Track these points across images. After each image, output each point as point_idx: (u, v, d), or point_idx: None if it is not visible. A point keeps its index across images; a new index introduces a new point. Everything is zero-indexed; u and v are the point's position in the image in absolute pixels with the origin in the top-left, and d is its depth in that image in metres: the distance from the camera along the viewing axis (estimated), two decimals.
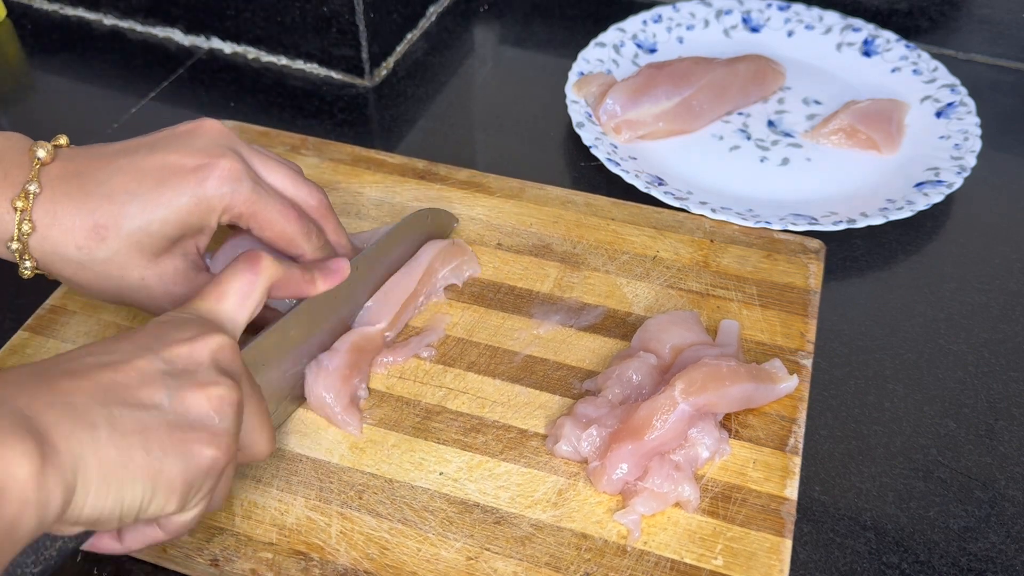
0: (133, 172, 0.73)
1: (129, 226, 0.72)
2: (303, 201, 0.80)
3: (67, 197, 0.72)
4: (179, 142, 0.76)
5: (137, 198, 0.72)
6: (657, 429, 0.72)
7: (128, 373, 0.57)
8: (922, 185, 1.00)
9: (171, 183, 0.73)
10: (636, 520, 0.71)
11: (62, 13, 1.33)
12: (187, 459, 0.56)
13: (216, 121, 0.78)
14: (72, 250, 0.73)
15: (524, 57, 1.28)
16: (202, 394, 0.58)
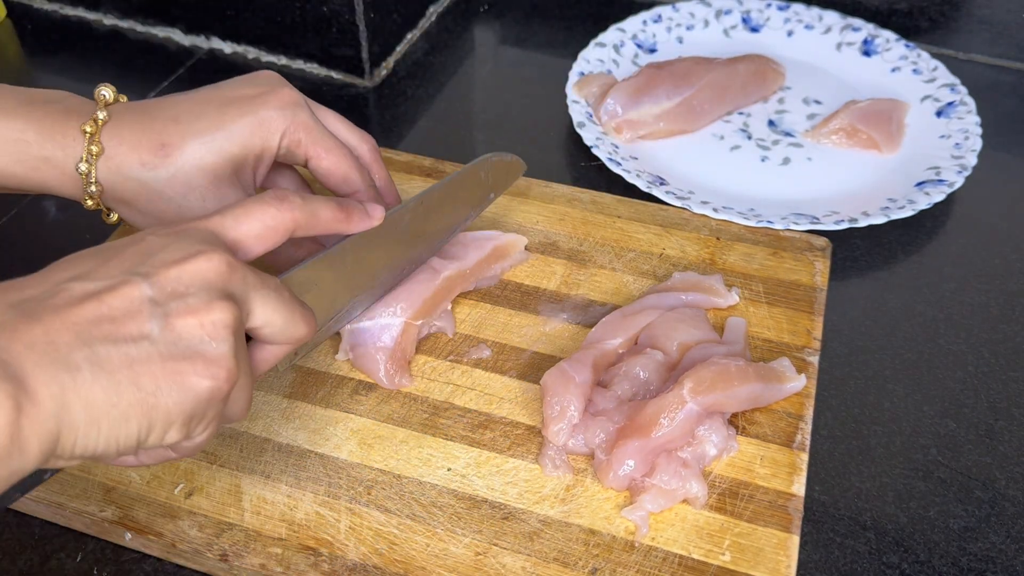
0: (197, 100, 0.76)
1: (193, 144, 0.74)
2: (356, 145, 0.84)
3: (133, 121, 0.74)
4: (241, 81, 0.79)
5: (201, 118, 0.75)
6: (664, 427, 0.72)
7: (113, 303, 0.54)
8: (923, 184, 1.01)
9: (234, 105, 0.76)
10: (644, 516, 0.72)
11: (62, 13, 1.33)
12: (183, 390, 0.54)
13: (272, 71, 0.81)
14: (136, 167, 0.73)
15: (524, 57, 1.28)
16: (194, 320, 0.55)
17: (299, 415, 0.80)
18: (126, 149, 0.73)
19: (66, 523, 0.75)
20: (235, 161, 0.75)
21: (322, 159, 0.79)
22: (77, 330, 0.52)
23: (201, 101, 0.76)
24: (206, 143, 0.74)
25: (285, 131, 0.77)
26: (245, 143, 0.75)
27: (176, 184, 0.74)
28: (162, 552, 0.72)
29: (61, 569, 0.73)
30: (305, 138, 0.78)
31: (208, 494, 0.74)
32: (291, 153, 0.78)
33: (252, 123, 0.76)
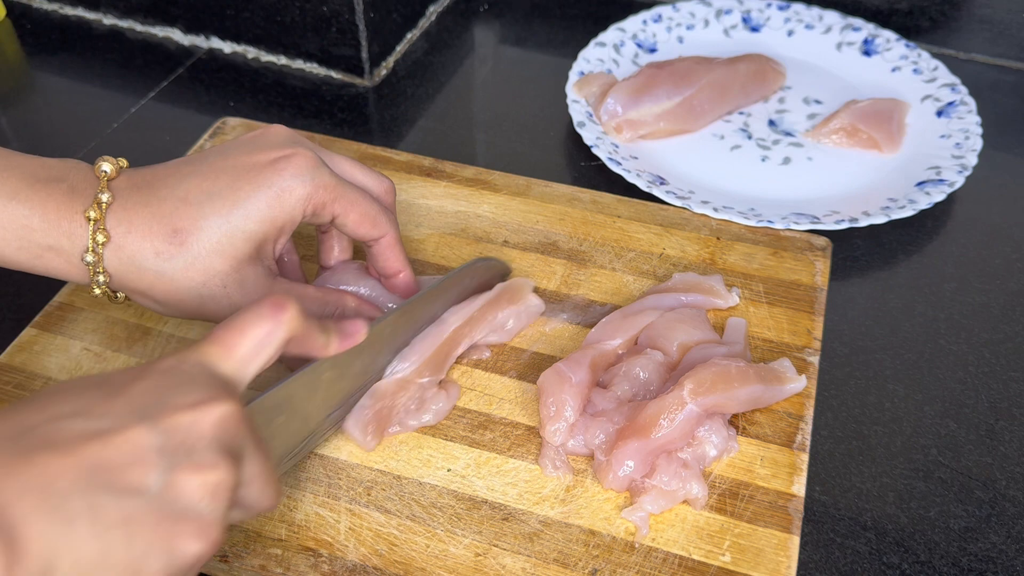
0: (207, 173, 0.72)
1: (209, 228, 0.71)
2: (374, 187, 0.81)
3: (140, 204, 0.71)
4: (249, 144, 0.75)
5: (215, 197, 0.71)
6: (664, 428, 0.72)
7: (119, 448, 0.50)
8: (923, 184, 1.01)
9: (249, 178, 0.72)
10: (644, 517, 0.71)
11: (62, 13, 1.33)
12: (171, 554, 0.50)
13: (282, 126, 0.78)
14: (150, 257, 0.70)
15: (524, 57, 1.28)
16: (197, 479, 0.52)
17: None
18: (136, 238, 0.70)
19: None
20: (255, 240, 0.72)
21: (349, 215, 0.76)
22: (77, 474, 0.48)
23: (211, 175, 0.72)
24: (222, 225, 0.71)
25: (307, 198, 0.73)
26: (264, 218, 0.72)
27: (194, 272, 0.71)
28: None
29: None
30: (328, 199, 0.74)
31: None
32: (316, 216, 0.75)
33: (270, 196, 0.72)
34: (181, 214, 0.71)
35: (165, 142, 1.11)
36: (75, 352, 0.84)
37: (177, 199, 0.71)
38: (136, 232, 0.70)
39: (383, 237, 0.79)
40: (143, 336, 0.85)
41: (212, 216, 0.71)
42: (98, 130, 1.14)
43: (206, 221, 0.71)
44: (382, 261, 0.81)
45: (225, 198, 0.71)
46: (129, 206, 0.71)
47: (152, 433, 0.51)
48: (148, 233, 0.70)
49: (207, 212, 0.71)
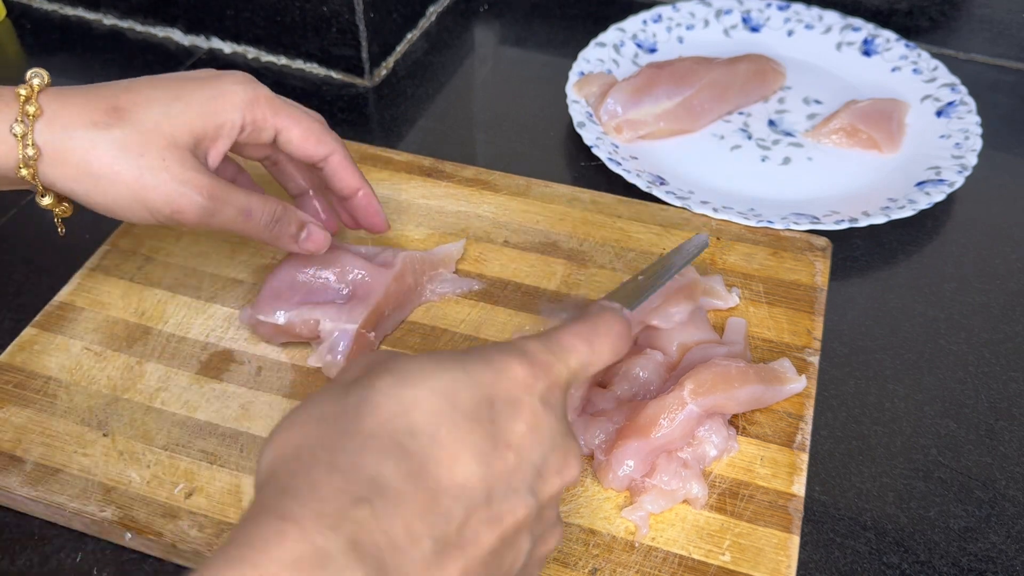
0: (149, 78, 0.74)
1: (150, 110, 0.70)
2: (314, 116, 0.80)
3: (77, 92, 0.71)
4: (194, 70, 0.77)
5: (157, 88, 0.72)
6: (664, 428, 0.72)
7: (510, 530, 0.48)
8: (923, 184, 1.01)
9: (191, 80, 0.73)
10: (644, 516, 0.71)
11: (62, 13, 1.33)
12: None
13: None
14: (87, 126, 0.69)
15: (524, 57, 1.28)
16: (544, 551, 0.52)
17: None
18: (73, 111, 0.69)
19: (66, 523, 0.74)
20: (194, 131, 0.71)
21: (292, 130, 0.76)
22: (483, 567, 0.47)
23: (153, 79, 0.74)
24: (162, 110, 0.70)
25: (247, 103, 0.74)
26: (204, 112, 0.72)
27: (131, 143, 0.69)
28: (162, 552, 0.72)
29: (61, 569, 0.72)
30: (269, 111, 0.75)
31: (208, 494, 0.74)
32: (257, 129, 0.75)
33: (212, 94, 0.73)
34: (121, 97, 0.70)
35: None
36: (75, 351, 0.84)
37: (118, 88, 0.72)
38: (72, 107, 0.69)
39: (332, 154, 0.79)
40: (144, 335, 0.86)
41: (153, 102, 0.71)
42: None
43: (147, 104, 0.70)
44: (338, 181, 0.81)
45: (168, 90, 0.72)
46: (66, 91, 0.70)
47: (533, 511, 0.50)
48: (85, 107, 0.69)
49: (148, 97, 0.71)
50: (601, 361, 0.56)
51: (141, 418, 0.79)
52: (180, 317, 0.87)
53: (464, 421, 0.48)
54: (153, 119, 0.70)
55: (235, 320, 0.87)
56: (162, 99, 0.71)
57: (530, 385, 0.51)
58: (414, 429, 0.47)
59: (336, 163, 0.80)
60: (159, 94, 0.71)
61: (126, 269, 0.91)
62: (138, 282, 0.90)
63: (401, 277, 0.85)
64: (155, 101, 0.71)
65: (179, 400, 0.81)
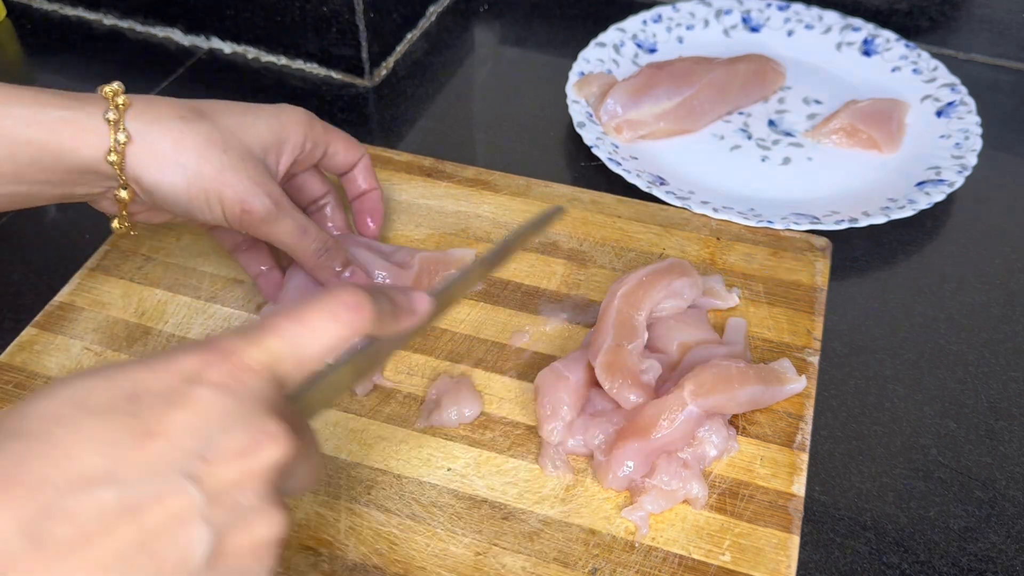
0: (221, 100, 0.80)
1: (226, 118, 0.77)
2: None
3: (158, 98, 0.76)
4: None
5: (230, 107, 0.79)
6: (664, 429, 0.72)
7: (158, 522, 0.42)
8: (923, 184, 1.01)
9: (254, 105, 0.81)
10: (644, 516, 0.72)
11: (62, 13, 1.33)
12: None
13: None
14: (175, 120, 0.74)
15: (524, 57, 1.28)
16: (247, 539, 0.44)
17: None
18: (160, 107, 0.74)
19: None
20: (264, 142, 0.79)
21: (339, 143, 0.87)
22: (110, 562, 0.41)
23: (221, 101, 0.80)
24: (237, 120, 0.77)
25: (308, 125, 0.83)
26: (271, 128, 0.80)
27: (216, 139, 0.75)
28: None
29: None
30: (321, 130, 0.85)
31: None
32: (312, 148, 0.84)
33: (276, 113, 0.81)
34: (201, 104, 0.77)
35: None
36: (75, 352, 0.84)
37: (194, 104, 0.77)
38: (158, 104, 0.75)
39: (362, 159, 0.90)
40: (143, 335, 0.86)
41: (228, 111, 0.78)
42: None
43: (224, 112, 0.77)
44: (361, 181, 0.91)
45: (237, 107, 0.79)
46: (146, 96, 0.75)
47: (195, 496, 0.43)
48: (171, 105, 0.75)
49: (223, 108, 0.78)
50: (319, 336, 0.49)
51: None
52: (180, 317, 0.87)
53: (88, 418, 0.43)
54: (232, 124, 0.77)
55: (235, 320, 0.87)
56: (235, 112, 0.78)
57: (196, 374, 0.45)
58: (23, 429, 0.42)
59: (363, 166, 0.90)
60: (231, 109, 0.78)
61: (126, 269, 0.91)
62: (138, 282, 0.90)
63: (419, 278, 0.87)
64: (230, 112, 0.78)
65: None
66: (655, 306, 0.82)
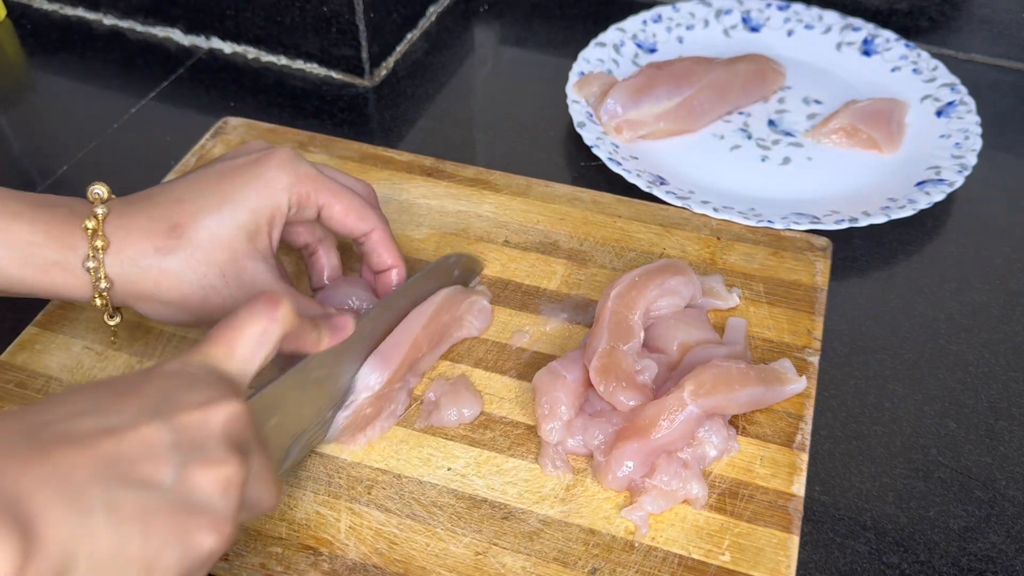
0: (196, 179, 0.76)
1: (204, 220, 0.73)
2: (355, 186, 0.84)
3: (136, 211, 0.73)
4: (232, 154, 0.79)
5: (205, 194, 0.74)
6: (664, 429, 0.72)
7: (133, 443, 0.51)
8: (923, 184, 1.01)
9: (234, 174, 0.76)
10: (643, 516, 0.72)
11: (62, 13, 1.33)
12: (187, 548, 0.51)
13: (259, 140, 0.84)
14: (151, 254, 0.72)
15: (524, 57, 1.28)
16: (210, 473, 0.53)
17: None
18: (136, 239, 0.72)
19: None
20: (248, 230, 0.75)
21: (334, 205, 0.79)
22: (93, 468, 0.49)
23: (200, 179, 0.76)
24: (216, 217, 0.73)
25: (291, 186, 0.76)
26: (253, 208, 0.75)
27: (194, 263, 0.73)
28: None
29: None
30: (312, 188, 0.78)
31: None
32: (302, 208, 0.78)
33: (256, 187, 0.75)
34: (176, 212, 0.73)
35: (165, 142, 1.11)
36: (76, 351, 0.84)
37: (171, 201, 0.74)
38: (135, 234, 0.72)
39: (373, 231, 0.82)
40: (144, 335, 0.86)
41: (205, 210, 0.73)
42: (98, 130, 1.14)
43: (201, 214, 0.73)
44: (375, 257, 0.83)
45: (215, 194, 0.74)
46: (125, 213, 0.73)
47: (164, 430, 0.52)
48: (147, 233, 0.72)
49: (200, 207, 0.74)
50: (245, 336, 0.60)
51: None
52: None
53: (80, 392, 0.54)
54: (210, 231, 0.73)
55: None
56: (214, 205, 0.74)
57: (157, 367, 0.57)
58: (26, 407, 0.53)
59: (376, 239, 0.82)
60: (209, 201, 0.74)
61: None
62: None
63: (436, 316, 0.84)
64: (207, 210, 0.74)
65: None
66: (651, 305, 0.82)
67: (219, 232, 0.73)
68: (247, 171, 0.76)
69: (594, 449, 0.75)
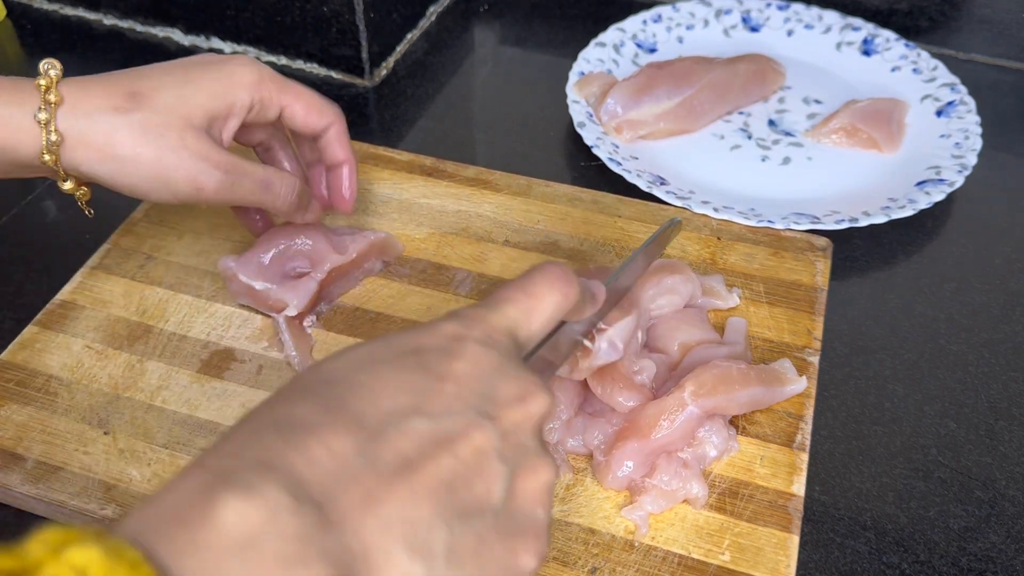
0: (160, 64, 0.77)
1: (165, 92, 0.73)
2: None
3: (93, 80, 0.74)
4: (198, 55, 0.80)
5: (169, 74, 0.75)
6: (664, 429, 0.72)
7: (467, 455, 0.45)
8: (923, 184, 1.01)
9: (199, 65, 0.76)
10: (643, 516, 0.72)
11: (62, 13, 1.33)
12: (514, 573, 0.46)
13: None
14: (108, 112, 0.71)
15: (524, 57, 1.28)
16: (533, 483, 0.47)
17: None
18: (93, 97, 0.72)
19: (66, 521, 0.74)
20: (207, 112, 0.75)
21: (296, 105, 0.80)
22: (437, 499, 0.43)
23: (164, 65, 0.77)
24: (176, 92, 0.74)
25: (255, 84, 0.77)
26: (215, 93, 0.75)
27: (152, 125, 0.72)
28: None
29: None
30: (275, 89, 0.78)
31: None
32: (264, 108, 0.79)
33: (220, 77, 0.76)
34: (135, 82, 0.73)
35: None
36: (76, 350, 0.84)
37: (131, 75, 0.75)
38: (91, 94, 0.72)
39: (332, 125, 0.83)
40: (144, 334, 0.86)
41: (167, 85, 0.74)
42: None
43: (162, 88, 0.73)
44: (330, 152, 0.84)
45: (178, 75, 0.75)
46: (82, 81, 0.74)
47: (492, 434, 0.46)
48: (104, 94, 0.72)
49: (162, 82, 0.74)
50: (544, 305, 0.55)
51: (142, 416, 0.79)
52: (181, 316, 0.87)
53: (385, 366, 0.47)
54: (169, 102, 0.73)
55: (236, 319, 0.87)
56: (175, 83, 0.74)
57: (462, 335, 0.50)
58: (330, 378, 0.47)
59: (334, 134, 0.83)
60: (171, 79, 0.74)
61: (127, 268, 0.91)
62: (139, 281, 0.90)
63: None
64: (169, 86, 0.74)
65: (180, 399, 0.81)
66: (648, 305, 0.82)
67: (178, 105, 0.73)
68: (212, 64, 0.77)
69: (594, 449, 0.75)
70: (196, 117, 0.74)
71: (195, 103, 0.74)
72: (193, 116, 0.74)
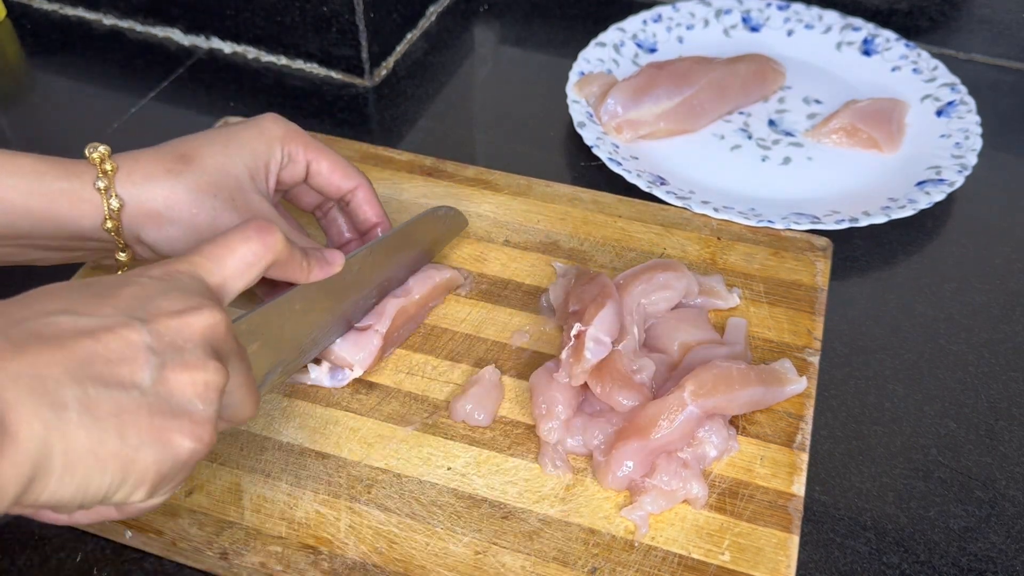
0: (199, 133, 0.80)
1: (211, 154, 0.76)
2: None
3: (144, 151, 0.76)
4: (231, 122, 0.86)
5: (210, 138, 0.78)
6: (664, 429, 0.72)
7: (109, 344, 0.51)
8: (923, 184, 1.01)
9: (233, 128, 0.80)
10: (643, 516, 0.71)
11: (62, 13, 1.33)
12: (165, 449, 0.52)
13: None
14: (162, 175, 0.74)
15: (524, 57, 1.28)
16: (188, 377, 0.54)
17: (300, 414, 0.80)
18: (146, 164, 0.74)
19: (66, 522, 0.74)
20: (250, 167, 0.78)
21: (321, 161, 0.82)
22: (68, 366, 0.49)
23: (202, 132, 0.79)
24: (221, 152, 0.77)
25: (283, 138, 0.80)
26: (255, 151, 0.79)
27: (205, 185, 0.75)
28: (162, 550, 0.72)
29: (61, 569, 0.72)
30: (301, 143, 0.82)
31: (208, 492, 0.74)
32: (292, 163, 0.82)
33: (254, 134, 0.79)
34: (183, 146, 0.77)
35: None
36: None
37: (178, 141, 0.78)
38: (143, 161, 0.75)
39: (358, 187, 0.85)
40: None
41: (211, 146, 0.77)
42: (98, 130, 1.14)
43: (207, 149, 0.77)
44: (361, 214, 0.86)
45: (219, 137, 0.79)
46: (131, 153, 0.76)
47: (143, 332, 0.53)
48: (155, 159, 0.75)
49: (206, 144, 0.77)
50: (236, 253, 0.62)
51: None
52: None
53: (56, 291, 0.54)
54: (217, 162, 0.77)
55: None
56: (218, 144, 0.78)
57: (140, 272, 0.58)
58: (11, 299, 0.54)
59: (362, 197, 0.86)
60: (214, 142, 0.78)
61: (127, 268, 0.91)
62: None
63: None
64: (213, 146, 0.77)
65: None
66: (643, 301, 0.82)
67: (226, 164, 0.77)
68: (246, 125, 0.80)
69: (594, 449, 0.75)
70: (242, 175, 0.78)
71: (239, 161, 0.78)
72: (239, 174, 0.77)
